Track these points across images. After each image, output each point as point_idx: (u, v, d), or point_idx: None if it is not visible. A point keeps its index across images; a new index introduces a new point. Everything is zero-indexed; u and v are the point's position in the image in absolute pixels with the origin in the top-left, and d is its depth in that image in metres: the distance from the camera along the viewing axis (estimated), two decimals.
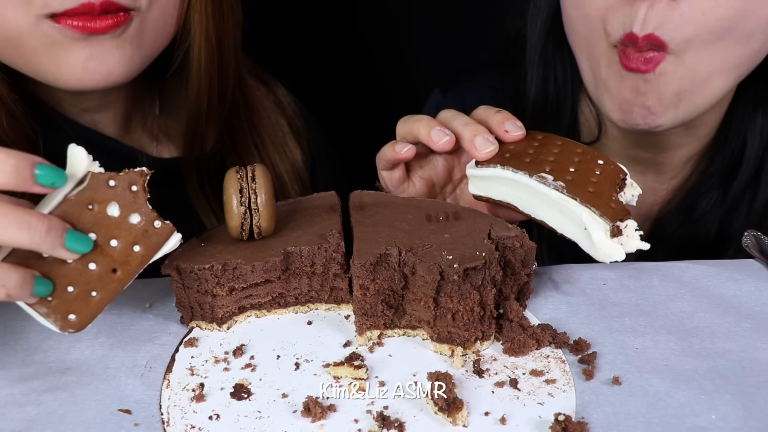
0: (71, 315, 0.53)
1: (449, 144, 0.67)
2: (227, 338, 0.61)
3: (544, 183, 0.62)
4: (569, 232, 0.63)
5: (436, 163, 0.74)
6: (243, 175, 0.61)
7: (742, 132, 0.85)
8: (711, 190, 0.88)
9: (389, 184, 0.74)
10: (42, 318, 0.53)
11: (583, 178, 0.63)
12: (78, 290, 0.53)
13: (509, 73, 0.95)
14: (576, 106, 0.92)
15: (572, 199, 0.61)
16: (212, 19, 0.80)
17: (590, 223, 0.60)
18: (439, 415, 0.52)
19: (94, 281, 0.53)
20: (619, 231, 0.60)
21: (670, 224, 0.90)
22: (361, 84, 1.32)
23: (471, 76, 1.02)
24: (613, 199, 0.61)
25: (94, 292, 0.53)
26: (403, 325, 0.60)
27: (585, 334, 0.59)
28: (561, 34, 0.85)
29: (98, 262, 0.53)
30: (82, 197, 0.53)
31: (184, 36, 0.80)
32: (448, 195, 0.77)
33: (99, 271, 0.53)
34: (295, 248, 0.61)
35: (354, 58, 1.30)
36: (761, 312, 0.62)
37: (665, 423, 0.51)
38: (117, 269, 0.54)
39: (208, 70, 0.82)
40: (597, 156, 0.65)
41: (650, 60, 0.73)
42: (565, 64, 0.89)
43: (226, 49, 0.83)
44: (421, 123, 0.69)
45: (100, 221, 0.53)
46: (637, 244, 0.60)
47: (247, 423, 0.52)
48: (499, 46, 0.97)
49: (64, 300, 0.53)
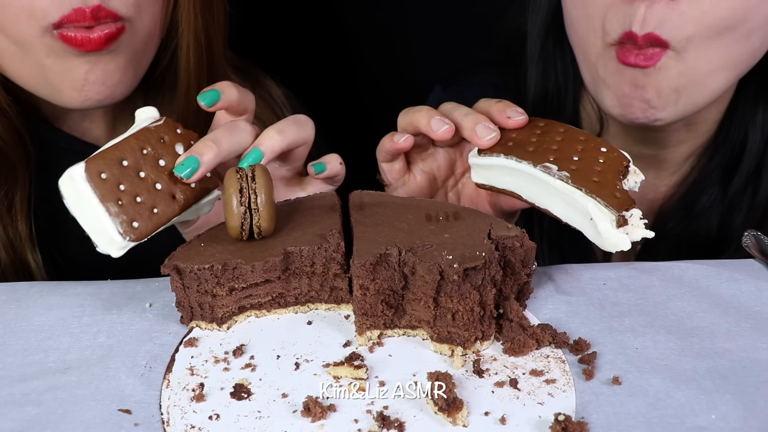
0: (135, 222, 0.60)
1: (449, 132, 0.67)
2: (227, 338, 0.61)
3: (549, 173, 0.62)
4: (574, 222, 0.63)
5: (437, 156, 0.74)
6: (243, 175, 0.61)
7: (743, 127, 0.85)
8: (712, 186, 0.88)
9: (389, 177, 0.74)
10: (109, 218, 0.59)
11: (588, 166, 0.62)
12: (144, 201, 0.61)
13: (510, 71, 0.95)
14: (577, 103, 0.92)
15: (577, 190, 0.61)
16: (201, 18, 0.80)
17: (596, 214, 0.60)
18: (439, 415, 0.52)
19: (158, 198, 0.62)
20: (624, 221, 0.60)
21: (671, 219, 0.90)
22: (359, 83, 1.32)
23: (472, 73, 1.02)
24: (618, 188, 0.61)
25: (156, 209, 0.61)
26: (403, 325, 0.60)
27: (585, 334, 0.59)
28: (561, 31, 0.85)
29: (163, 183, 0.62)
30: (158, 131, 0.63)
31: (171, 35, 0.80)
32: (450, 189, 0.76)
33: (163, 192, 0.62)
34: (295, 248, 0.61)
35: (353, 58, 1.30)
36: (761, 312, 0.62)
37: (665, 423, 0.51)
38: (176, 195, 0.63)
39: (197, 69, 0.82)
40: (600, 143, 0.65)
41: (651, 56, 0.73)
42: (565, 61, 0.89)
43: (215, 47, 0.83)
44: (421, 113, 0.69)
45: (169, 152, 0.63)
46: (642, 233, 0.60)
47: (247, 423, 0.52)
48: (501, 43, 0.97)
49: (133, 206, 0.60)
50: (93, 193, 0.59)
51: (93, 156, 0.60)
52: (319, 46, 1.27)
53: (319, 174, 0.70)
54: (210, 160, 0.63)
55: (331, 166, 0.70)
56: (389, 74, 1.30)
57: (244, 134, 0.66)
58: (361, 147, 0.79)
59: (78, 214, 0.60)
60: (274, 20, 1.22)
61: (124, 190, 0.60)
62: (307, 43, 1.26)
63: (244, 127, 0.67)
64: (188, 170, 0.63)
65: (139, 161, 0.62)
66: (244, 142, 0.66)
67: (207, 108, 0.66)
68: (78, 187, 0.59)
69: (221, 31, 0.84)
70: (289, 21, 1.24)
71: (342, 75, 1.31)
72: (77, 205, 0.59)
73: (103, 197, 0.59)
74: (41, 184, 0.82)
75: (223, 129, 0.66)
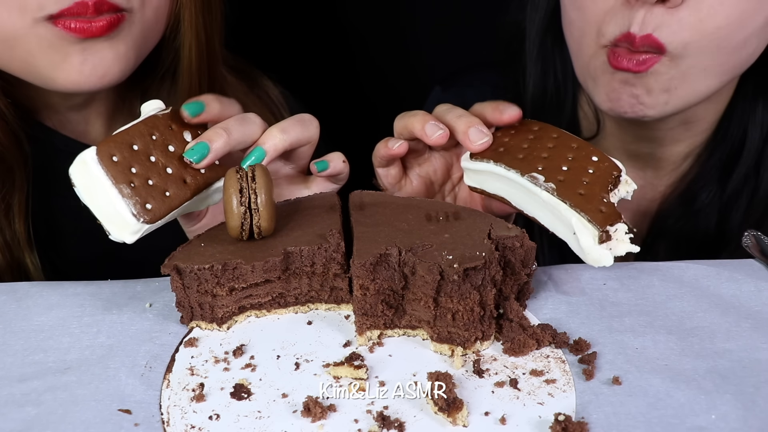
0: (148, 204, 0.60)
1: (443, 138, 0.67)
2: (227, 338, 0.61)
3: (535, 183, 0.62)
4: (559, 232, 0.63)
5: (433, 161, 0.74)
6: (243, 175, 0.61)
7: (742, 124, 0.86)
8: (711, 183, 0.88)
9: (385, 182, 0.74)
10: (122, 200, 0.59)
11: (575, 178, 0.62)
12: (156, 184, 0.61)
13: (510, 71, 0.96)
14: (576, 102, 0.92)
15: (562, 203, 0.61)
16: (201, 17, 0.80)
17: (579, 228, 0.60)
18: (439, 415, 0.52)
19: (169, 182, 0.62)
20: (608, 236, 0.60)
21: (670, 217, 0.90)
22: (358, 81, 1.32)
23: (472, 73, 1.02)
24: (604, 202, 0.61)
25: (168, 192, 0.62)
26: (403, 325, 0.60)
27: (585, 334, 0.59)
28: (560, 30, 0.86)
29: (173, 168, 0.63)
30: (165, 118, 0.65)
31: (173, 35, 0.80)
32: (447, 194, 0.76)
33: (174, 176, 0.63)
34: (295, 248, 0.61)
35: (352, 57, 1.30)
36: (761, 312, 0.62)
37: (665, 423, 0.51)
38: (187, 180, 0.63)
39: (198, 69, 0.82)
40: (592, 152, 0.65)
41: (644, 62, 0.73)
42: (564, 60, 0.89)
43: (214, 47, 0.83)
44: (416, 118, 0.69)
45: (177, 139, 0.65)
46: (626, 248, 0.60)
47: (247, 423, 0.52)
48: (501, 41, 0.97)
49: (145, 189, 0.61)
50: (105, 175, 0.59)
51: (104, 140, 0.60)
52: (316, 43, 1.26)
53: (322, 172, 0.70)
54: (220, 147, 0.64)
55: (334, 164, 0.70)
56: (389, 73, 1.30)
57: (254, 127, 0.67)
58: (360, 146, 0.79)
59: (90, 200, 0.60)
60: (270, 18, 1.22)
61: (136, 173, 0.61)
62: (305, 40, 1.26)
63: (254, 119, 0.68)
64: (198, 155, 0.63)
65: (149, 146, 0.62)
66: (254, 135, 0.67)
67: (190, 119, 0.66)
68: (90, 170, 0.59)
69: (219, 31, 0.84)
70: (286, 18, 1.24)
71: (340, 73, 1.30)
72: (89, 190, 0.60)
73: (115, 179, 0.59)
74: (39, 186, 0.81)
75: (235, 119, 0.67)
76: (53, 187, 0.83)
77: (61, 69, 0.71)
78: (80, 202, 0.61)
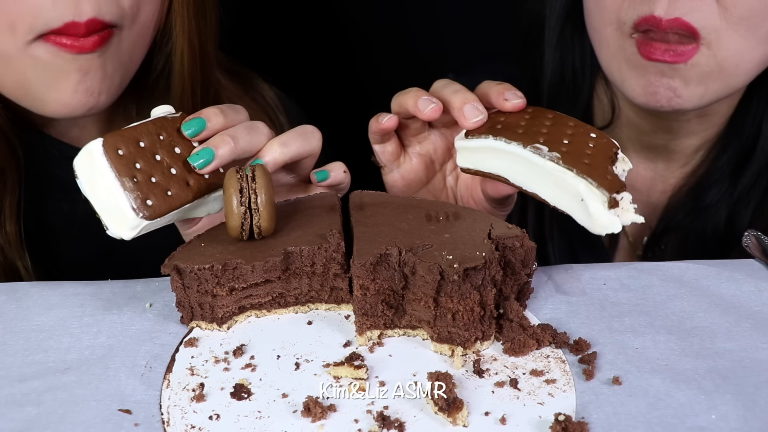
0: (149, 200, 0.60)
1: (436, 112, 0.67)
2: (227, 338, 0.61)
3: (539, 154, 0.61)
4: (563, 205, 0.62)
5: (433, 138, 0.74)
6: (243, 175, 0.61)
7: (757, 120, 0.85)
8: (722, 180, 0.88)
9: (383, 159, 0.73)
10: (123, 193, 0.59)
11: (578, 149, 0.62)
12: (159, 182, 0.61)
13: (526, 60, 0.95)
14: (592, 90, 0.92)
15: (569, 170, 0.60)
16: (195, 22, 0.79)
17: (587, 195, 0.59)
18: (439, 415, 0.52)
19: (172, 182, 0.62)
20: (616, 202, 0.59)
21: (680, 211, 0.90)
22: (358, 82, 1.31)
23: (486, 62, 1.01)
24: (609, 171, 0.61)
25: (170, 191, 0.62)
26: (403, 325, 0.60)
27: (585, 334, 0.59)
28: (580, 19, 0.85)
29: (178, 169, 0.63)
30: (174, 121, 0.65)
31: (165, 40, 0.80)
32: (449, 173, 0.76)
33: (177, 176, 0.63)
34: (295, 248, 0.61)
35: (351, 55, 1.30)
36: (761, 312, 0.62)
37: (665, 423, 0.51)
38: (190, 182, 0.63)
39: (191, 74, 0.82)
40: (589, 129, 0.64)
41: (682, 53, 0.73)
42: (583, 48, 0.89)
43: (208, 51, 0.83)
44: (409, 94, 0.68)
45: (184, 143, 0.65)
46: (631, 217, 0.60)
47: (247, 423, 0.52)
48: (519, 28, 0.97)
49: (147, 185, 0.61)
50: (109, 167, 0.59)
51: (111, 133, 0.61)
52: (313, 41, 1.26)
53: (322, 182, 0.70)
54: (225, 154, 0.64)
55: (334, 174, 0.70)
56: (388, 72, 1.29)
57: (261, 137, 0.67)
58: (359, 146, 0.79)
59: (91, 192, 0.60)
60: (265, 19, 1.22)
61: (140, 169, 0.61)
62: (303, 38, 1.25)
63: (262, 129, 0.67)
64: (202, 161, 0.63)
65: (156, 145, 0.63)
66: (260, 144, 0.66)
67: (191, 138, 0.65)
68: (94, 161, 0.59)
69: (213, 35, 0.84)
70: (283, 17, 1.23)
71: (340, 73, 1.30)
72: (91, 182, 0.60)
73: (118, 172, 0.59)
74: (31, 189, 0.81)
75: (243, 127, 0.66)
76: (45, 190, 0.82)
77: (55, 89, 0.72)
78: (73, 206, 0.61)
